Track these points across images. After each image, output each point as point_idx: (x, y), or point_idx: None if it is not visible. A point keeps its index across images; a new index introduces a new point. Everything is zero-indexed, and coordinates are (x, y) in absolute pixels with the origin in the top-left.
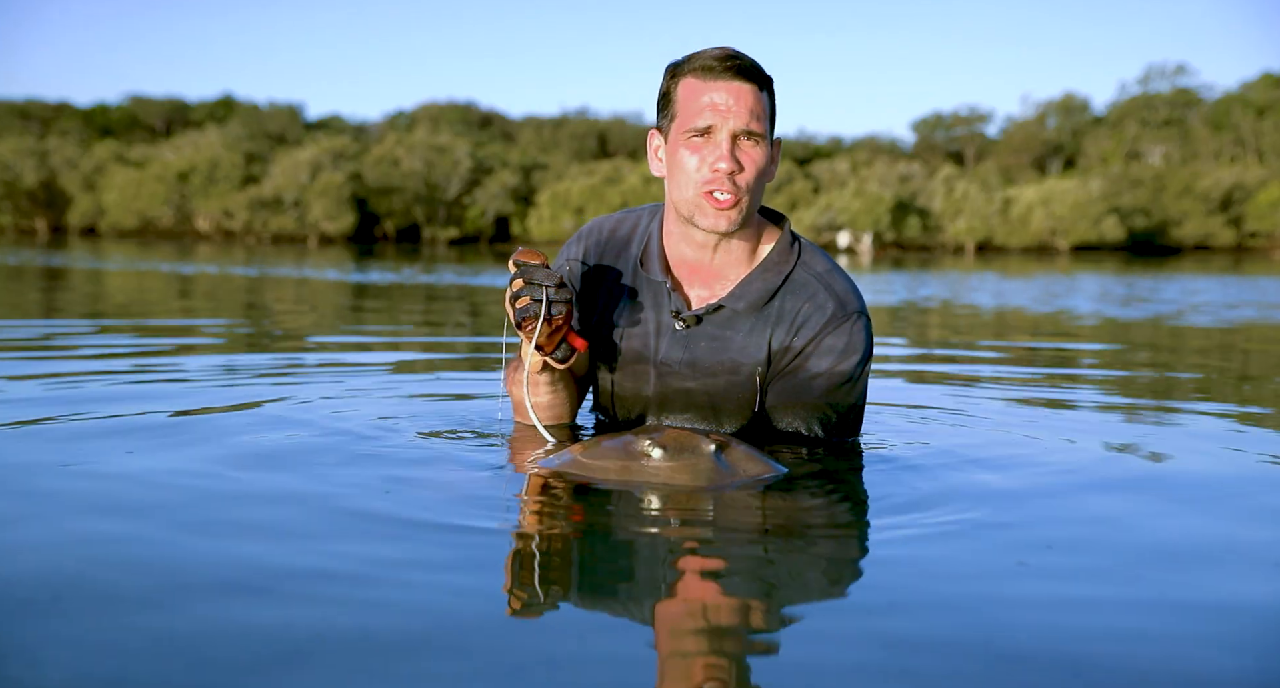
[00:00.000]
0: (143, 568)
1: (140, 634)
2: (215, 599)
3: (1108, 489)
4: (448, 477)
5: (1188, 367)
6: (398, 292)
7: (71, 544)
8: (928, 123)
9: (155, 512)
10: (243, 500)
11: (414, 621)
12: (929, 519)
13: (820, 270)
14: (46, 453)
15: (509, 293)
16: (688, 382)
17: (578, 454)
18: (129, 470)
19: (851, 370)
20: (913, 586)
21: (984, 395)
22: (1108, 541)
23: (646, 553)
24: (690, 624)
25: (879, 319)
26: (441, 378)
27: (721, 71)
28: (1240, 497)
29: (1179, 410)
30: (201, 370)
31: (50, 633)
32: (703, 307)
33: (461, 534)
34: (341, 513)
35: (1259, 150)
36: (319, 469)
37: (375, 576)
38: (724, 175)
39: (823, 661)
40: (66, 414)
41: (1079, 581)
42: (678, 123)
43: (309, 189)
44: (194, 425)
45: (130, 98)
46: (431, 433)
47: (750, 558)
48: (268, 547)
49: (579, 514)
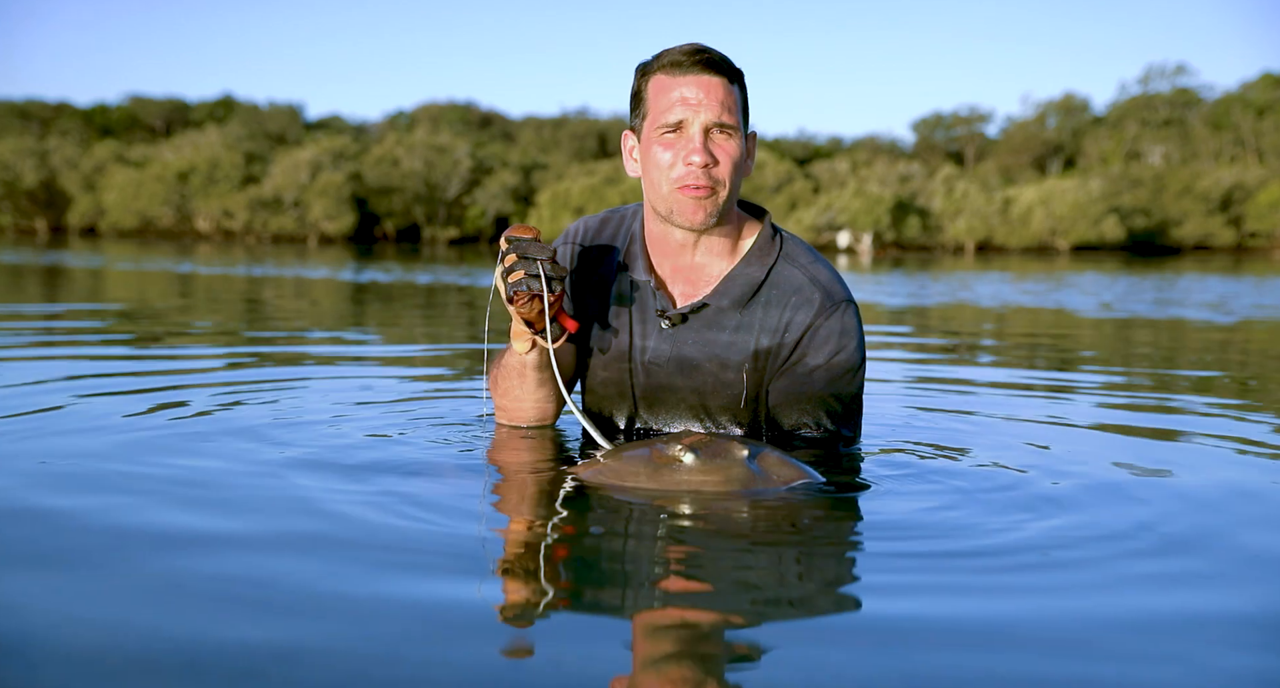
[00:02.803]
0: (125, 570)
1: (126, 636)
2: (207, 606)
3: (1119, 491)
4: (427, 478)
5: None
6: (397, 290)
7: (53, 548)
8: (928, 123)
9: (142, 520)
10: (234, 505)
11: (414, 623)
12: (972, 526)
13: (803, 262)
14: (32, 455)
15: (500, 268)
16: (675, 380)
17: (605, 461)
18: (120, 471)
19: (850, 359)
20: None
21: (1069, 408)
22: (1109, 543)
23: (673, 559)
24: (711, 632)
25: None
26: (435, 376)
27: (690, 66)
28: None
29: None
30: (198, 371)
31: (42, 639)
32: (687, 305)
33: (465, 538)
34: (333, 516)
35: (1259, 150)
36: (307, 473)
37: (371, 578)
38: (698, 168)
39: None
40: (56, 411)
41: (1084, 585)
42: (649, 120)
43: (309, 189)
44: (194, 426)
45: (130, 98)
46: (416, 431)
47: (776, 565)
48: (255, 552)
49: (609, 520)
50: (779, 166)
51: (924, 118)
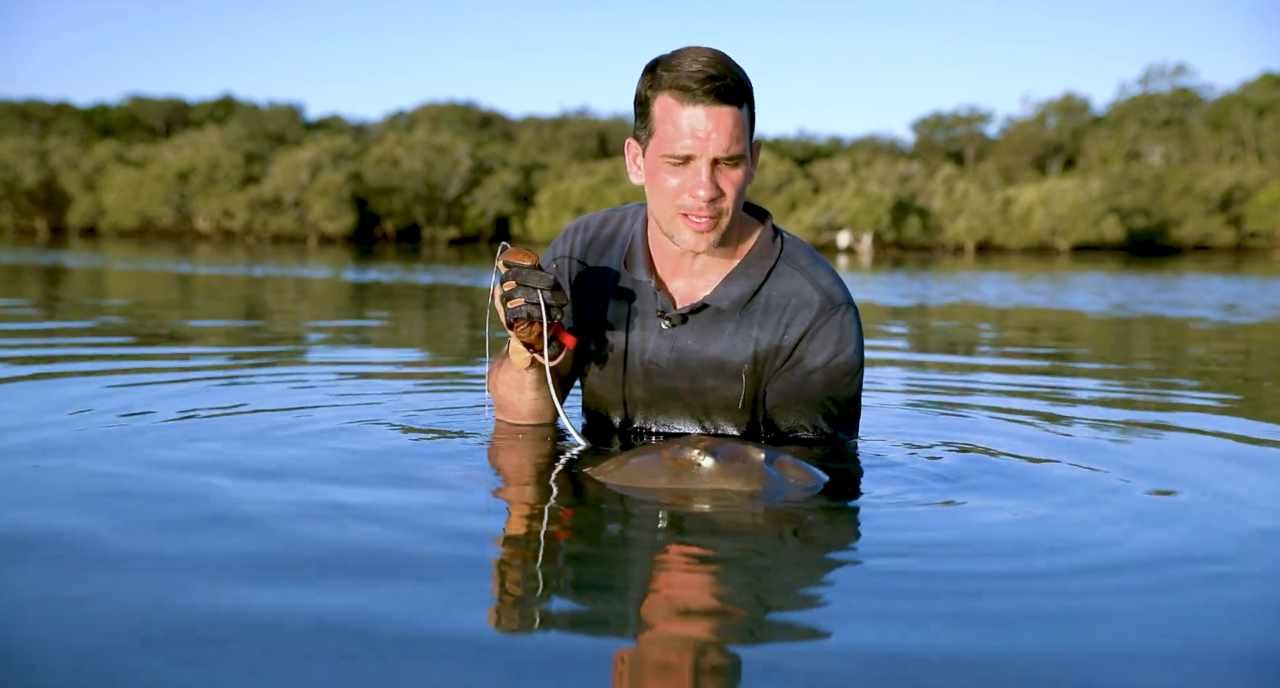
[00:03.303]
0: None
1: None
2: (214, 599)
3: (1131, 494)
4: (428, 478)
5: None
6: (398, 290)
7: (56, 543)
8: (928, 123)
9: (153, 518)
10: (237, 502)
11: (415, 621)
12: (978, 521)
13: (803, 263)
14: (28, 457)
15: (498, 292)
16: (675, 381)
17: (619, 465)
18: (117, 471)
19: (848, 362)
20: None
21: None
22: (1113, 546)
23: (684, 562)
24: (728, 635)
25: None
26: (432, 376)
27: (702, 95)
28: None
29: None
30: (199, 370)
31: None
32: (687, 306)
33: (471, 543)
34: (333, 514)
35: (1259, 150)
36: (309, 470)
37: (373, 576)
38: (704, 202)
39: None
40: (61, 413)
41: (1087, 590)
42: (655, 142)
43: (309, 189)
44: (193, 426)
45: (130, 98)
46: (419, 431)
47: (801, 568)
48: (254, 552)
49: (629, 524)
50: (779, 167)
51: (924, 118)
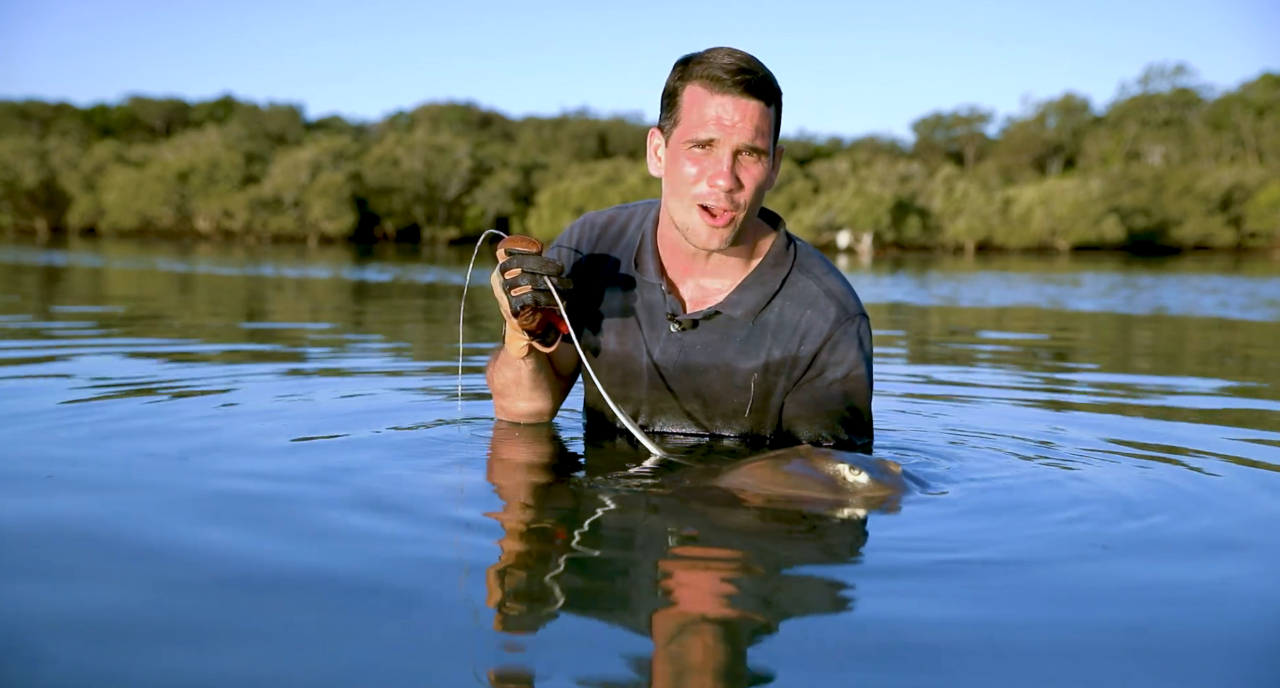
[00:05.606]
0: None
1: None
2: (218, 603)
3: (1141, 494)
4: (428, 480)
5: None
6: (398, 290)
7: (56, 531)
8: (928, 123)
9: (156, 526)
10: (242, 501)
11: (424, 624)
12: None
13: (818, 273)
14: (25, 452)
15: (500, 280)
16: (681, 385)
17: (734, 475)
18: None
19: (865, 372)
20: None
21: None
22: (1118, 551)
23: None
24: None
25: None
26: (431, 375)
27: (731, 85)
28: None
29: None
30: (199, 368)
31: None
32: (699, 311)
33: (483, 546)
34: (339, 510)
35: (1259, 150)
36: (307, 473)
37: (378, 575)
38: (722, 192)
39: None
40: (54, 412)
41: (1092, 595)
42: (680, 130)
43: (309, 189)
44: (192, 426)
45: (130, 98)
46: (410, 430)
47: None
48: (252, 552)
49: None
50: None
51: (924, 118)
